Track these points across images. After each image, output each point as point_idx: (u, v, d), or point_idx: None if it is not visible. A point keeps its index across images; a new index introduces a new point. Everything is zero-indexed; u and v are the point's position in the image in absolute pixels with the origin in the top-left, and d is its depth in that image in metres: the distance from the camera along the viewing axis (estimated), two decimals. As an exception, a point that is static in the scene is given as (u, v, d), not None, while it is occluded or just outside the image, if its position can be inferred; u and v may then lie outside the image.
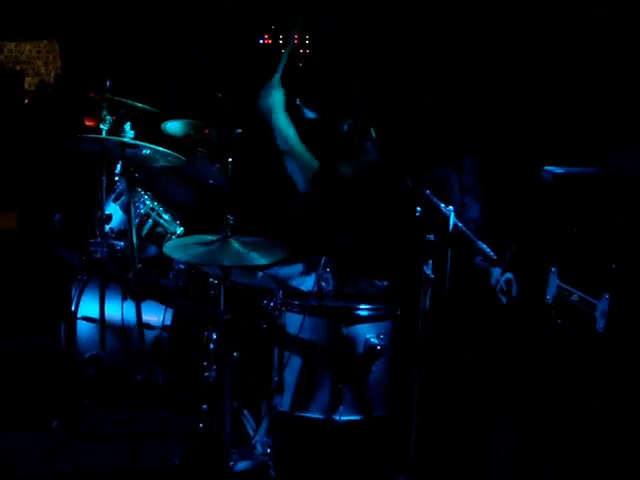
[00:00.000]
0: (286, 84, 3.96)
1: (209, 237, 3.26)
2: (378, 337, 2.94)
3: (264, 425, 3.31)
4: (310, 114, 3.96)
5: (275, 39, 7.72)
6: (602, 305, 2.58)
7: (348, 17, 4.62)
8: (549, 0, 3.58)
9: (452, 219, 2.54)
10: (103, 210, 3.76)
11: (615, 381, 2.62)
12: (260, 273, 3.71)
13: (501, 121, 3.74)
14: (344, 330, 2.89)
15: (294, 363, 2.96)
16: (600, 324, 2.58)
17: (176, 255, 3.55)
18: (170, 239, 3.98)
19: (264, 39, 7.81)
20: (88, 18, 6.61)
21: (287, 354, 2.99)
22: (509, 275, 3.36)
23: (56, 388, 3.97)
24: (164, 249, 3.97)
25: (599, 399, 2.66)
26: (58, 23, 6.70)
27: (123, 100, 3.66)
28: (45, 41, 6.91)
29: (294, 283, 3.53)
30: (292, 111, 3.93)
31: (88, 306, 3.95)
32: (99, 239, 3.71)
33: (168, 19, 6.95)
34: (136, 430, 3.20)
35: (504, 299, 2.98)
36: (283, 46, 7.27)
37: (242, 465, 3.27)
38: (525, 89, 3.70)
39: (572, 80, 3.57)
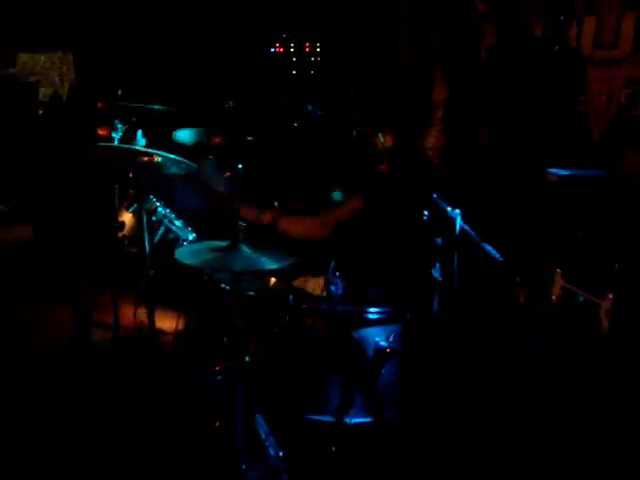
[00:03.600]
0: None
1: (220, 243, 3.30)
2: (387, 340, 2.96)
3: (276, 428, 3.34)
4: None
5: (287, 48, 7.81)
6: (606, 305, 2.60)
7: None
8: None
9: (458, 222, 2.56)
10: (116, 218, 3.81)
11: (619, 379, 2.63)
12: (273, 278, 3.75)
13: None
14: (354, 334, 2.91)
15: (305, 367, 2.98)
16: (604, 323, 2.60)
17: (188, 261, 3.59)
18: (182, 245, 4.02)
19: (276, 47, 7.90)
20: (102, 29, 6.69)
21: (298, 358, 3.01)
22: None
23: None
24: (176, 255, 4.03)
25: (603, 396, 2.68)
26: (72, 34, 6.78)
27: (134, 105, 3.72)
28: (59, 52, 6.98)
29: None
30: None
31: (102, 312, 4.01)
32: (112, 246, 3.76)
33: (180, 29, 7.03)
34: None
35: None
36: (294, 54, 7.37)
37: (254, 469, 3.29)
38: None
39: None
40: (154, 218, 3.94)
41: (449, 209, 2.62)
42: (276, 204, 3.86)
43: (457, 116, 3.87)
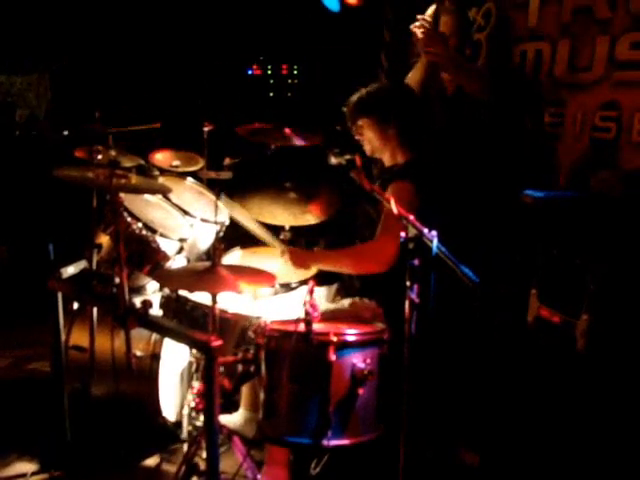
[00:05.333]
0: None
1: (198, 265, 3.31)
2: (365, 362, 2.95)
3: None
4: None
5: (264, 70, 7.84)
6: (581, 325, 2.62)
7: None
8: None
9: (435, 244, 2.57)
10: (93, 240, 3.79)
11: (594, 398, 2.65)
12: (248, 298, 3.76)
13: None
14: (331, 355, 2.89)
15: (282, 389, 2.97)
16: (580, 344, 2.62)
17: (166, 283, 3.59)
18: (161, 267, 4.01)
19: (253, 70, 7.93)
20: (78, 52, 6.69)
21: (275, 380, 3.00)
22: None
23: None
24: (154, 278, 4.01)
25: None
26: (49, 57, 6.78)
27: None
28: (36, 74, 6.96)
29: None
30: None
31: (79, 335, 3.97)
32: (89, 268, 3.74)
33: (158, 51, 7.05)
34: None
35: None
36: (271, 76, 7.39)
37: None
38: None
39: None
40: (131, 240, 3.94)
41: (425, 230, 2.63)
42: None
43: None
